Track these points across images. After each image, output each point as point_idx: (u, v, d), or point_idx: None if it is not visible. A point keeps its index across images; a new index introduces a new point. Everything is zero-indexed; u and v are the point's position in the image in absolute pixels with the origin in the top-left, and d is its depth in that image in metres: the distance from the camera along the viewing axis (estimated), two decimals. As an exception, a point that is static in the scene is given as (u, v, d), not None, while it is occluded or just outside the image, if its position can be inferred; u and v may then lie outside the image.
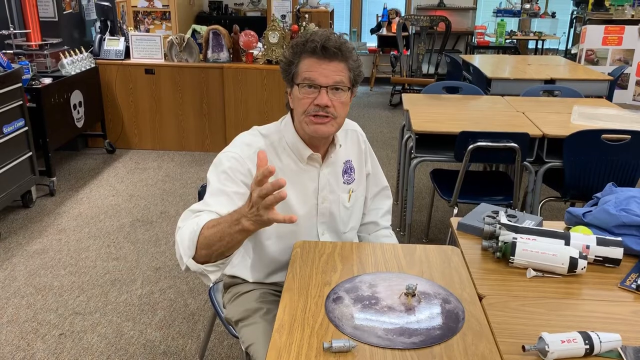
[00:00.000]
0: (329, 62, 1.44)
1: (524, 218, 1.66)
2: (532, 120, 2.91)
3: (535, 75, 4.16)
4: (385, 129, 5.74)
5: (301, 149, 1.54)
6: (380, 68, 7.66)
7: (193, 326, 2.47)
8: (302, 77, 1.45)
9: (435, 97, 3.51)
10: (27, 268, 2.90)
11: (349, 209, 1.66)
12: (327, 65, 1.44)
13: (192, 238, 1.27)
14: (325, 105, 1.44)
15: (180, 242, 1.30)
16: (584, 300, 1.30)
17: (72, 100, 4.12)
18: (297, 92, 1.47)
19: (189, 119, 4.73)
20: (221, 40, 4.55)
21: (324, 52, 1.43)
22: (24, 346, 2.31)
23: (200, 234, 1.26)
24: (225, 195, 1.41)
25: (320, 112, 1.45)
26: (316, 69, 1.44)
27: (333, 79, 1.45)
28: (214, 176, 1.46)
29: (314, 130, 1.48)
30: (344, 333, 1.16)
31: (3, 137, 3.26)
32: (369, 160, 1.75)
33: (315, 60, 1.44)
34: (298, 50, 1.47)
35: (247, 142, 1.53)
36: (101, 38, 4.64)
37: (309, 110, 1.46)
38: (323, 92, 1.44)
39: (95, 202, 3.75)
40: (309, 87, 1.45)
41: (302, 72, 1.46)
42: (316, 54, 1.44)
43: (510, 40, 7.23)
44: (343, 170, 1.64)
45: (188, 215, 1.37)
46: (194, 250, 1.27)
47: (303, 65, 1.46)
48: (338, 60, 1.45)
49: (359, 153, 1.70)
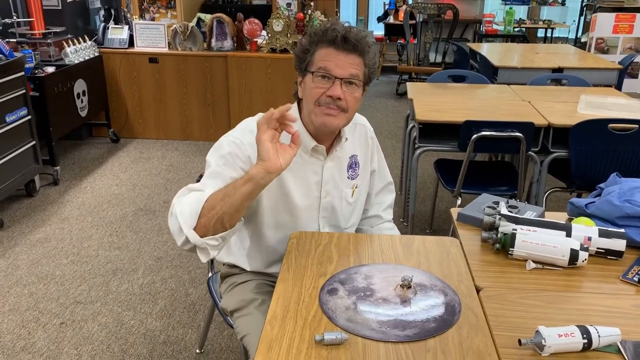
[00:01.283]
0: (347, 54, 1.41)
1: (526, 209, 1.63)
2: (538, 109, 2.86)
3: (543, 63, 4.10)
4: (392, 118, 5.70)
5: (306, 139, 1.51)
6: (387, 57, 7.59)
7: (194, 316, 2.46)
8: (318, 66, 1.42)
9: (441, 86, 3.47)
10: (29, 257, 2.91)
11: (352, 204, 1.64)
12: (345, 57, 1.41)
13: (195, 208, 1.26)
14: (338, 97, 1.41)
15: (180, 213, 1.28)
16: (584, 293, 1.27)
17: (76, 89, 4.11)
18: (310, 81, 1.43)
19: (193, 108, 4.70)
20: (225, 28, 4.52)
21: (343, 42, 1.40)
22: (25, 335, 2.31)
23: (206, 201, 1.26)
24: (222, 178, 1.39)
25: (332, 105, 1.42)
26: (333, 59, 1.41)
27: (349, 72, 1.41)
28: (213, 159, 1.44)
29: (323, 122, 1.44)
30: (337, 325, 1.14)
31: (6, 126, 3.25)
32: (376, 156, 1.72)
33: (333, 50, 1.41)
34: (316, 39, 1.43)
35: (250, 128, 1.48)
36: (105, 26, 4.63)
37: (321, 101, 1.42)
38: (337, 84, 1.41)
39: (99, 191, 3.75)
40: (323, 77, 1.41)
41: (318, 61, 1.42)
42: (335, 44, 1.40)
43: (519, 29, 7.14)
44: (348, 165, 1.61)
45: (185, 192, 1.35)
46: (195, 220, 1.26)
47: (320, 54, 1.42)
48: (356, 54, 1.42)
49: (365, 148, 1.67)
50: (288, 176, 1.50)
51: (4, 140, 3.24)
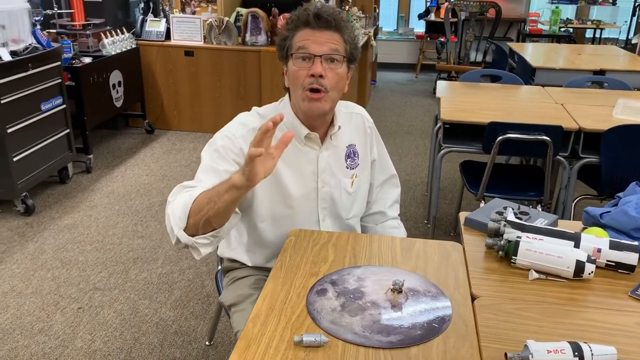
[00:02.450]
0: (323, 30, 1.40)
1: (538, 216, 1.56)
2: (570, 112, 2.75)
3: (584, 65, 3.94)
4: (426, 117, 5.60)
5: (298, 128, 1.50)
6: (427, 54, 7.48)
7: (207, 308, 2.48)
8: (296, 47, 1.41)
9: (472, 85, 3.38)
10: (56, 242, 2.99)
11: (352, 194, 1.61)
12: (321, 34, 1.40)
13: (184, 208, 1.26)
14: (319, 74, 1.39)
15: (172, 214, 1.29)
16: (587, 308, 1.21)
17: (112, 80, 4.20)
18: (292, 65, 1.43)
19: (226, 102, 4.75)
20: (260, 23, 4.53)
21: (317, 20, 1.39)
22: (44, 317, 2.38)
23: (193, 203, 1.25)
24: (216, 173, 1.39)
25: (314, 85, 1.40)
26: (309, 37, 1.40)
27: (327, 47, 1.40)
28: (207, 154, 1.46)
29: (309, 107, 1.43)
30: (320, 327, 1.12)
31: (41, 114, 3.35)
32: (375, 145, 1.69)
33: (309, 30, 1.40)
34: (292, 24, 1.44)
35: (242, 121, 1.52)
36: (143, 19, 4.71)
37: (305, 84, 1.41)
38: (317, 61, 1.40)
39: (129, 180, 3.83)
40: (303, 59, 1.41)
41: (296, 43, 1.42)
42: (310, 24, 1.40)
43: (565, 29, 6.89)
44: (346, 154, 1.58)
45: (179, 190, 1.36)
46: (185, 221, 1.26)
47: (297, 36, 1.42)
48: (332, 30, 1.41)
49: (364, 137, 1.64)
50: (282, 167, 1.49)
51: (39, 127, 3.35)
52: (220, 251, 1.69)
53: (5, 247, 2.93)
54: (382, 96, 6.46)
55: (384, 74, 7.59)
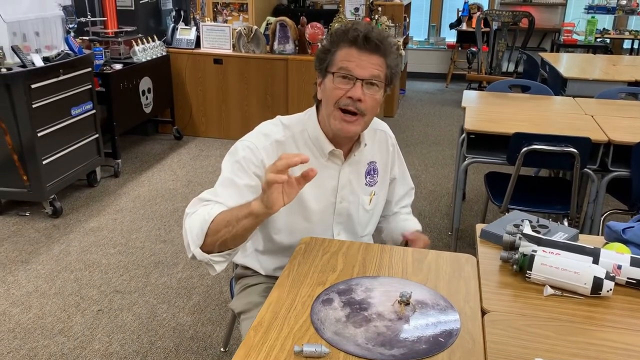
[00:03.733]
0: (369, 54, 1.36)
1: (557, 230, 1.51)
2: (601, 124, 2.66)
3: (619, 76, 3.83)
4: (455, 127, 5.52)
5: (323, 143, 1.47)
6: (458, 64, 7.39)
7: (224, 314, 2.48)
8: (338, 67, 1.37)
9: (499, 95, 3.32)
10: (81, 244, 3.04)
11: (369, 212, 1.59)
12: (367, 58, 1.36)
13: (202, 226, 1.26)
14: (358, 98, 1.36)
15: (189, 230, 1.29)
16: (603, 327, 1.15)
17: (141, 87, 4.28)
18: (330, 82, 1.39)
19: (253, 110, 4.78)
20: (288, 32, 4.56)
21: (365, 42, 1.35)
22: (65, 318, 2.42)
23: (211, 223, 1.25)
24: (235, 188, 1.38)
25: (350, 107, 1.38)
26: (354, 59, 1.36)
27: (370, 72, 1.36)
28: (228, 165, 1.44)
29: (340, 128, 1.41)
30: (322, 337, 1.10)
31: (71, 119, 3.43)
32: (397, 164, 1.68)
33: (354, 50, 1.36)
34: (337, 39, 1.39)
35: (265, 131, 1.49)
36: (174, 27, 4.79)
37: (340, 103, 1.38)
38: (358, 85, 1.36)
39: (155, 185, 3.88)
40: (344, 77, 1.37)
41: (339, 61, 1.38)
42: (356, 44, 1.36)
43: (602, 39, 6.72)
44: (366, 171, 1.56)
45: (196, 203, 1.36)
46: (202, 239, 1.26)
47: (341, 54, 1.38)
48: (378, 54, 1.37)
49: (385, 155, 1.62)
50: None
51: (69, 132, 3.42)
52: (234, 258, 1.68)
53: (32, 247, 2.99)
54: (411, 106, 6.40)
55: (414, 83, 7.54)
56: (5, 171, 3.19)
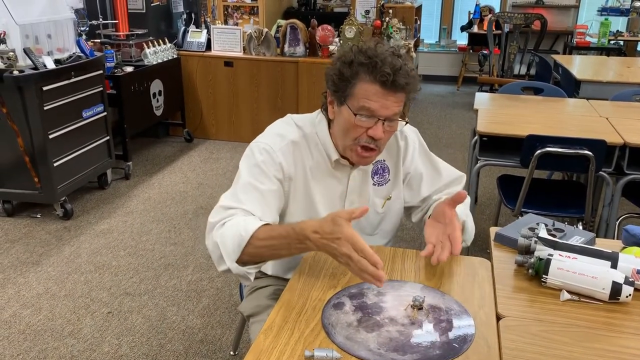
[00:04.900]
0: (394, 93, 1.31)
1: (573, 233, 1.48)
2: (616, 126, 2.62)
3: (633, 78, 3.78)
4: (467, 130, 5.48)
5: (330, 151, 1.45)
6: (469, 67, 7.35)
7: (234, 317, 2.46)
8: (360, 105, 1.31)
9: (512, 97, 3.28)
10: (91, 246, 3.04)
11: (380, 214, 1.56)
12: (392, 97, 1.31)
13: (239, 243, 1.24)
14: (380, 138, 1.34)
15: (222, 244, 1.27)
16: (623, 334, 1.12)
17: (152, 89, 4.29)
18: (350, 116, 1.33)
19: (263, 112, 4.77)
20: (298, 34, 4.55)
21: (393, 85, 1.29)
22: (74, 320, 2.41)
23: (249, 243, 1.23)
24: (258, 193, 1.36)
25: (371, 145, 1.36)
26: (379, 99, 1.30)
27: (393, 111, 1.33)
28: (246, 169, 1.41)
29: (358, 162, 1.43)
30: (334, 342, 1.07)
31: (82, 121, 3.44)
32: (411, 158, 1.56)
33: (379, 89, 1.29)
34: (360, 70, 1.30)
35: (279, 132, 1.46)
36: (185, 30, 4.80)
37: (360, 140, 1.35)
38: (379, 124, 1.32)
39: (165, 187, 3.87)
40: (367, 117, 1.32)
41: (362, 99, 1.31)
42: (384, 85, 1.29)
43: (615, 42, 6.65)
44: (373, 170, 1.53)
45: (220, 211, 1.34)
46: (239, 255, 1.25)
47: (363, 89, 1.31)
48: (403, 92, 1.33)
49: (395, 152, 1.55)
50: (314, 186, 1.46)
51: (80, 134, 3.43)
52: None
53: (43, 249, 3.00)
54: (422, 108, 6.37)
55: (424, 86, 7.50)
56: (16, 173, 3.20)
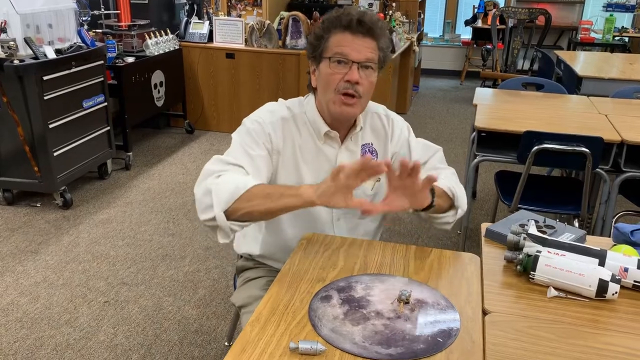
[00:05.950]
0: (363, 37, 1.39)
1: (564, 230, 1.48)
2: (614, 124, 2.62)
3: (635, 75, 3.77)
4: (468, 125, 5.45)
5: (319, 125, 1.50)
6: (472, 61, 7.32)
7: (229, 308, 2.48)
8: (334, 52, 1.40)
9: (512, 93, 3.28)
10: (90, 236, 3.06)
11: (369, 197, 1.57)
12: (361, 41, 1.39)
13: (234, 192, 1.27)
14: (356, 81, 1.39)
15: (216, 192, 1.29)
16: (607, 331, 1.13)
17: (153, 80, 4.29)
18: (327, 68, 1.41)
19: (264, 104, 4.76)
20: (300, 27, 4.54)
21: (359, 26, 1.38)
22: (71, 309, 2.43)
23: (242, 196, 1.27)
24: (249, 157, 1.42)
25: (350, 90, 1.40)
26: (349, 43, 1.38)
27: (365, 55, 1.39)
28: (238, 137, 1.48)
29: (341, 112, 1.43)
30: (319, 334, 1.08)
31: (82, 111, 3.45)
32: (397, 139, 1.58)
33: (349, 34, 1.39)
34: (330, 25, 1.42)
35: (271, 109, 1.54)
36: (187, 21, 4.80)
37: (339, 87, 1.40)
38: (354, 68, 1.39)
39: (165, 178, 3.89)
40: (340, 62, 1.39)
41: (334, 47, 1.40)
42: (350, 29, 1.39)
43: (620, 38, 6.61)
44: (362, 153, 1.55)
45: (216, 163, 1.39)
46: (230, 204, 1.27)
47: (335, 39, 1.40)
48: (371, 37, 1.40)
49: (383, 136, 1.59)
50: (302, 165, 1.50)
51: (80, 124, 3.44)
52: (236, 246, 1.69)
53: (42, 238, 3.02)
54: (424, 103, 6.36)
55: (427, 80, 7.48)
56: (16, 162, 3.22)
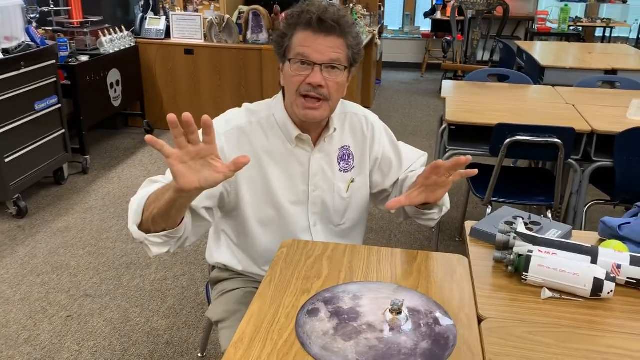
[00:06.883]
0: (325, 36, 1.29)
1: (550, 227, 1.44)
2: (582, 113, 2.63)
3: (596, 64, 3.82)
4: (432, 118, 5.48)
5: (290, 128, 1.41)
6: (432, 54, 7.35)
7: (201, 317, 2.38)
8: (295, 52, 1.31)
9: (479, 85, 3.26)
10: (48, 246, 2.90)
11: (346, 200, 1.50)
12: (323, 40, 1.29)
13: (140, 204, 1.19)
14: (318, 85, 1.30)
15: (130, 208, 1.21)
16: (607, 332, 1.09)
17: (109, 79, 4.11)
18: (289, 69, 1.33)
19: (226, 101, 4.64)
20: (261, 21, 4.43)
21: (320, 24, 1.28)
22: (31, 326, 2.28)
23: (147, 199, 1.18)
24: None
25: (312, 93, 1.31)
26: (310, 43, 1.29)
27: (329, 56, 1.29)
28: None
29: (304, 115, 1.34)
30: (310, 353, 1.01)
31: (34, 114, 3.26)
32: (379, 144, 1.52)
33: (310, 33, 1.29)
34: (292, 22, 1.32)
35: (228, 118, 1.43)
36: (143, 17, 4.61)
37: (301, 90, 1.32)
38: (316, 70, 1.29)
39: (126, 182, 3.73)
40: (302, 63, 1.30)
41: (295, 47, 1.31)
42: (311, 27, 1.29)
43: (575, 28, 6.75)
44: (339, 156, 1.48)
45: (147, 184, 1.29)
46: (140, 216, 1.18)
47: (297, 38, 1.31)
48: (335, 35, 1.30)
49: (361, 139, 1.51)
50: (271, 167, 1.41)
51: (33, 127, 3.25)
52: (208, 256, 1.59)
53: (-5, 251, 2.84)
54: (387, 96, 6.34)
55: (389, 73, 7.48)
56: (-36, 170, 3.01)
